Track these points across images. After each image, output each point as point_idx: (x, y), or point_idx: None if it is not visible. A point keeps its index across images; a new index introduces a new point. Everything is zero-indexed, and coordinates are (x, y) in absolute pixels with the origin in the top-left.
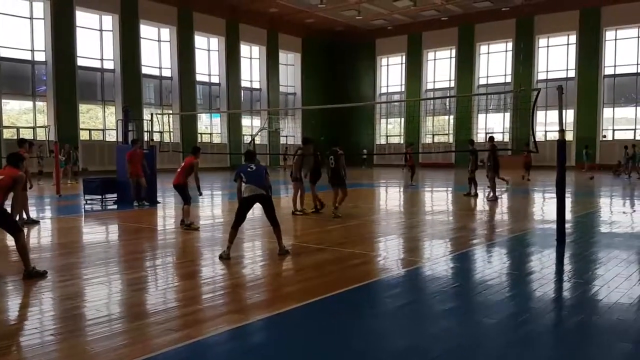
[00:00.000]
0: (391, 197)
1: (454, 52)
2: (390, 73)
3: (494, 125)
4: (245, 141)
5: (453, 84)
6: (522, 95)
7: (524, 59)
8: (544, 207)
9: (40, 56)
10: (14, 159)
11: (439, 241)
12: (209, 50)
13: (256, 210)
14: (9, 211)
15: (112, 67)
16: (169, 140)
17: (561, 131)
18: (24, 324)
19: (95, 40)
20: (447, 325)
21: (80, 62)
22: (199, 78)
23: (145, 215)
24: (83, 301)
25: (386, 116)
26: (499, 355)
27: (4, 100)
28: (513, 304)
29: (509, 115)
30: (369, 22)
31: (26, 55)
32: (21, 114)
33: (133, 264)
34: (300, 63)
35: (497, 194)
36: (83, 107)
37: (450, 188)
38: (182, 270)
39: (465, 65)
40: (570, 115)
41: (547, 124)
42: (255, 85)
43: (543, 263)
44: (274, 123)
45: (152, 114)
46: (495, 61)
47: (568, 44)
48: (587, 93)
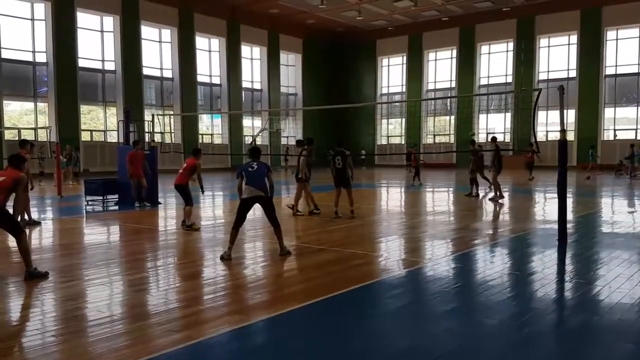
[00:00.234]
0: (392, 198)
1: (454, 53)
2: (391, 73)
3: (495, 126)
4: (246, 142)
5: (454, 84)
6: (523, 95)
7: (524, 59)
8: (545, 207)
9: (41, 57)
10: (15, 160)
11: (441, 241)
12: (209, 51)
13: (257, 210)
14: (11, 212)
15: (113, 68)
16: (170, 141)
17: (562, 131)
18: (26, 325)
19: (96, 42)
20: (449, 325)
21: (82, 63)
22: (200, 79)
23: (147, 216)
24: (84, 302)
25: (387, 117)
26: (501, 356)
27: (5, 102)
28: (514, 304)
29: (510, 115)
30: (370, 23)
31: (27, 57)
32: (22, 115)
33: (134, 265)
34: (301, 64)
35: (480, 193)
36: (84, 108)
37: (451, 188)
38: (184, 271)
39: (466, 66)
40: (571, 115)
41: (548, 124)
42: (256, 85)
43: (544, 263)
44: (275, 124)
45: (153, 115)
46: (496, 61)
47: (569, 44)
48: (588, 93)
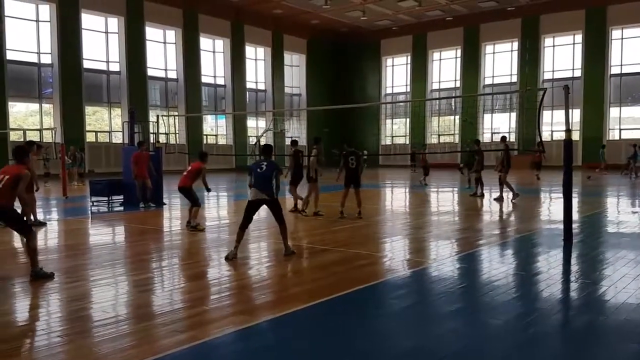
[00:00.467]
0: (397, 198)
1: (459, 52)
2: (396, 73)
3: (500, 125)
4: (250, 142)
5: (458, 84)
6: (528, 95)
7: (529, 59)
8: (550, 207)
9: (46, 59)
10: (19, 153)
11: (445, 242)
12: (214, 51)
13: (262, 211)
14: (19, 212)
15: (118, 69)
16: (174, 142)
17: (568, 131)
18: (32, 325)
19: (101, 43)
20: (454, 326)
21: (86, 65)
22: (204, 80)
23: (151, 217)
24: (90, 302)
25: (391, 117)
26: (506, 357)
27: (10, 103)
28: (520, 304)
29: (514, 115)
30: (374, 23)
31: (32, 58)
32: (27, 116)
33: (139, 266)
34: (305, 64)
35: (482, 192)
36: (89, 109)
37: (456, 188)
38: (188, 272)
39: (471, 65)
40: (576, 114)
41: (553, 124)
42: (261, 86)
43: (550, 263)
44: (279, 124)
45: (158, 116)
46: (500, 61)
47: (574, 44)
48: (593, 93)
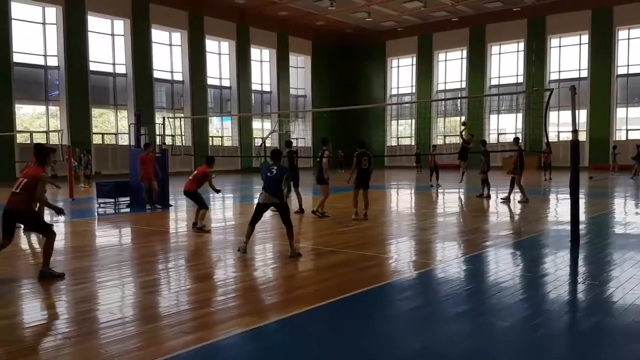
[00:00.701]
0: (402, 199)
1: (465, 53)
2: (401, 74)
3: (506, 126)
4: (255, 144)
5: (464, 85)
6: (534, 95)
7: (536, 59)
8: (557, 208)
9: (52, 61)
10: (40, 154)
11: (452, 243)
12: (219, 53)
13: (268, 212)
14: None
15: (124, 72)
16: (180, 144)
17: (574, 132)
18: (39, 326)
19: (107, 45)
20: (460, 328)
21: (93, 67)
22: (210, 81)
23: (158, 219)
24: (97, 304)
25: (397, 118)
26: (514, 359)
27: (17, 105)
28: (527, 306)
29: (521, 115)
30: (379, 24)
31: (39, 61)
32: (34, 118)
33: (146, 267)
34: (310, 65)
35: (488, 194)
36: (95, 112)
37: (462, 189)
38: (195, 273)
39: (477, 66)
40: (582, 115)
41: (560, 125)
42: (266, 88)
43: (557, 265)
44: (285, 126)
45: (164, 118)
46: (506, 61)
47: (580, 44)
48: (600, 93)
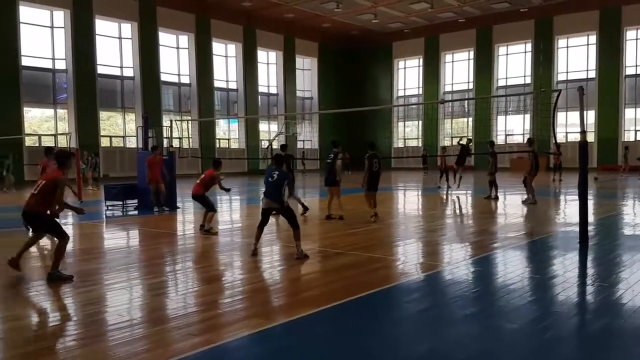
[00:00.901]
0: (410, 201)
1: (472, 54)
2: (408, 76)
3: (514, 127)
4: (262, 146)
5: (471, 86)
6: (542, 96)
7: (543, 60)
8: (565, 210)
9: (60, 64)
10: (60, 157)
11: (459, 245)
12: (226, 56)
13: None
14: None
15: (132, 75)
16: (187, 146)
17: (583, 132)
18: (47, 329)
19: (114, 48)
20: (468, 330)
21: (100, 70)
22: (216, 84)
23: (165, 221)
24: (105, 306)
25: (404, 119)
26: None
27: (25, 108)
28: (535, 308)
29: (529, 116)
30: (386, 25)
31: (47, 64)
32: (43, 121)
33: (153, 269)
34: (316, 67)
35: (496, 195)
36: (103, 114)
37: (469, 191)
38: (202, 275)
39: (484, 67)
40: (591, 116)
41: (568, 125)
42: (272, 90)
43: (566, 266)
44: (291, 128)
45: (172, 121)
46: (514, 62)
47: (588, 44)
48: (608, 93)
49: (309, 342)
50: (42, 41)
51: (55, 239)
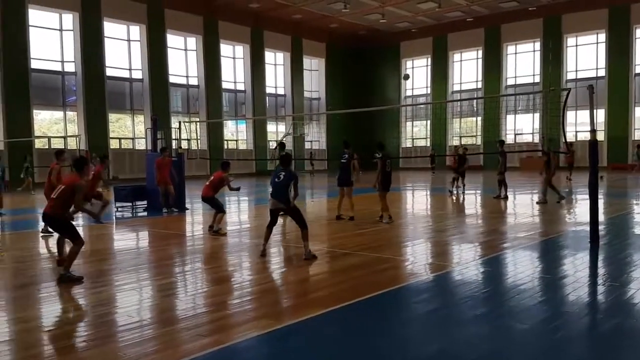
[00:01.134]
0: (418, 201)
1: (480, 53)
2: (415, 75)
3: (523, 127)
4: (270, 147)
5: (480, 85)
6: (551, 95)
7: (552, 59)
8: (576, 209)
9: (70, 67)
10: (77, 163)
11: (469, 245)
12: (234, 57)
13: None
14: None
15: (141, 77)
16: (196, 148)
17: (592, 131)
18: (57, 330)
19: (123, 51)
20: (478, 330)
21: (109, 72)
22: (224, 85)
23: (174, 222)
24: (115, 307)
25: (412, 119)
26: None
27: (35, 111)
28: (546, 308)
29: (538, 115)
30: (393, 25)
31: (56, 67)
32: (52, 124)
33: (163, 270)
34: (324, 68)
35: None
36: (112, 117)
37: (478, 191)
38: (211, 276)
39: (493, 66)
40: (600, 114)
41: (578, 124)
42: (280, 91)
43: (576, 266)
44: (299, 128)
45: (180, 122)
46: (523, 61)
47: (597, 43)
48: (618, 92)
49: (318, 343)
50: (51, 44)
51: (72, 242)
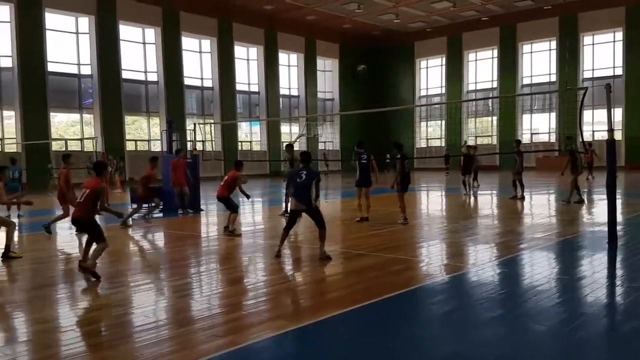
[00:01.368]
0: (433, 201)
1: (495, 53)
2: (430, 75)
3: (540, 126)
4: (284, 148)
5: (495, 85)
6: (568, 94)
7: (569, 58)
8: (593, 209)
9: (86, 70)
10: (97, 167)
11: (485, 246)
12: (248, 59)
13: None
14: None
15: (156, 79)
16: (211, 149)
17: (610, 131)
18: (74, 330)
19: (138, 53)
20: (496, 332)
21: (125, 75)
22: (238, 87)
23: (189, 223)
24: (131, 308)
25: (426, 119)
26: None
27: (52, 113)
28: (564, 309)
29: (554, 115)
30: (407, 25)
31: (73, 70)
32: (69, 126)
33: (178, 271)
34: (337, 69)
35: (522, 195)
36: (128, 119)
37: (494, 191)
38: (226, 277)
39: (508, 66)
40: (618, 113)
41: (595, 124)
42: (294, 92)
43: (594, 267)
44: (313, 129)
45: (195, 124)
46: (538, 60)
47: (614, 41)
48: (636, 90)
49: (333, 344)
50: (68, 47)
51: (97, 243)
